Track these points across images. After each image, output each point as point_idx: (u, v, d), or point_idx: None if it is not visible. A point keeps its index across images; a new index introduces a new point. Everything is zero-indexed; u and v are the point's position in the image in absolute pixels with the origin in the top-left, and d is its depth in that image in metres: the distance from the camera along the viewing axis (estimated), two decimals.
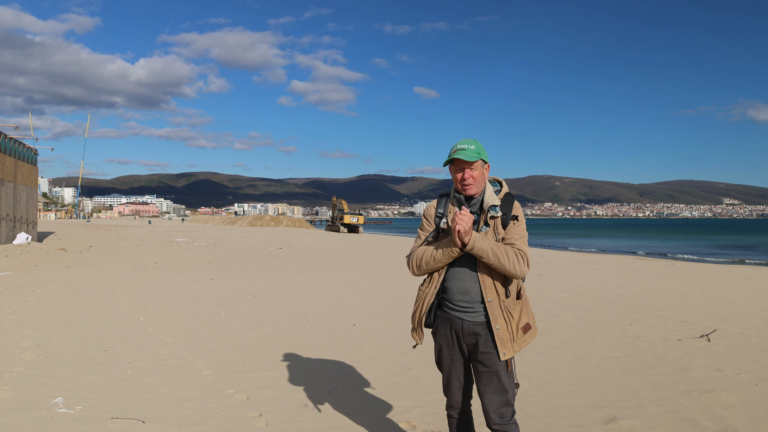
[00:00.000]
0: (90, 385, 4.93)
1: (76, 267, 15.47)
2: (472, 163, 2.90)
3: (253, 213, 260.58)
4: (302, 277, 14.04)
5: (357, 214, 72.68)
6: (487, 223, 2.93)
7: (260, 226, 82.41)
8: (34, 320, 7.78)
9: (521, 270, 2.85)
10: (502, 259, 2.82)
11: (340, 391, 4.94)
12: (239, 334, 7.19)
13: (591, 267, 18.31)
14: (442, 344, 3.05)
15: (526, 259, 2.88)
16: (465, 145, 2.92)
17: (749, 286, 13.07)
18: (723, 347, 6.54)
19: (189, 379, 5.19)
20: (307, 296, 10.59)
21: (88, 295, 10.18)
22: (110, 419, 4.13)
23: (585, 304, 9.87)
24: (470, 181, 2.92)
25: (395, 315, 8.64)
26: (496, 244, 2.86)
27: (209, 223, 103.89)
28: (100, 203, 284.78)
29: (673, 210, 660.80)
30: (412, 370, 5.60)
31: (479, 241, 2.83)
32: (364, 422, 4.22)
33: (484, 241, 2.84)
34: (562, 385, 5.14)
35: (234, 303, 9.67)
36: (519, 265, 2.83)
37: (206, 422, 4.15)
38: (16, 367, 5.45)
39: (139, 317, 8.20)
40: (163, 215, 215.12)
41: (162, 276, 13.66)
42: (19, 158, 25.82)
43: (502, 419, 2.90)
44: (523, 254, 2.87)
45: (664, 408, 4.51)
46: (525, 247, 2.91)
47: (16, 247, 21.45)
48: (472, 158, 2.88)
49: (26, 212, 26.59)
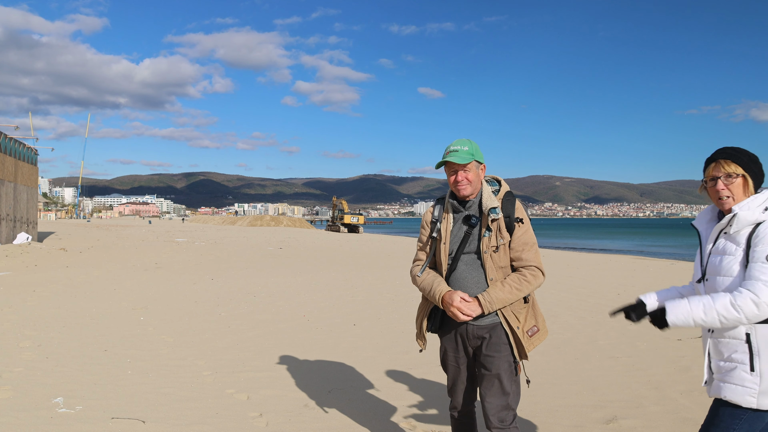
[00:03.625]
0: (90, 385, 4.93)
1: (77, 267, 15.47)
2: (466, 165, 2.86)
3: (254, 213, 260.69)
4: (302, 277, 14.04)
5: (357, 214, 72.67)
6: (489, 228, 2.87)
7: (260, 226, 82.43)
8: (34, 320, 7.78)
9: (539, 285, 2.88)
10: (521, 293, 2.85)
11: (340, 391, 4.94)
12: (239, 334, 7.19)
13: (591, 267, 18.30)
14: (448, 347, 3.04)
15: (539, 273, 2.87)
16: (458, 146, 2.88)
17: None
18: None
19: (189, 379, 5.19)
20: (307, 296, 10.59)
21: (88, 295, 10.18)
22: (110, 419, 4.13)
23: (585, 304, 9.86)
24: (464, 183, 2.88)
25: (395, 315, 8.64)
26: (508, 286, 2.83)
27: (209, 223, 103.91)
28: (100, 203, 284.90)
29: (673, 210, 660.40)
30: (412, 370, 5.60)
31: (492, 305, 2.82)
32: (364, 422, 4.22)
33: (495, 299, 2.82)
34: (562, 385, 5.14)
35: (234, 303, 9.67)
36: (536, 284, 2.86)
37: (206, 422, 4.15)
38: (16, 367, 5.46)
39: (139, 317, 8.20)
40: (164, 215, 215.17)
41: (162, 276, 13.66)
42: (20, 158, 25.83)
43: (502, 423, 2.88)
44: (534, 272, 2.86)
45: (664, 408, 4.50)
46: (535, 258, 2.89)
47: (17, 247, 21.46)
48: (465, 160, 2.84)
49: (26, 212, 26.60)
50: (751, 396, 2.34)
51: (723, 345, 2.44)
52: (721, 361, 2.45)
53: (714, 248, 2.48)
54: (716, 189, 2.46)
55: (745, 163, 2.44)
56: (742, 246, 2.37)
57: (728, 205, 2.44)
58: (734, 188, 2.43)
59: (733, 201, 2.44)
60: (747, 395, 2.35)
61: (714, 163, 2.48)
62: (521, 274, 2.87)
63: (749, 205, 2.39)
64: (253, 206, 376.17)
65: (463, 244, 2.91)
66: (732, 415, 2.39)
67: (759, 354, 2.34)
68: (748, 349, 2.35)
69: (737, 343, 2.38)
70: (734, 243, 2.40)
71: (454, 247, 2.94)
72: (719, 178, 2.45)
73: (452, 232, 2.96)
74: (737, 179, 2.43)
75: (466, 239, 2.91)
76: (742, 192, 2.44)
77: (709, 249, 2.51)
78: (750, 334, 2.35)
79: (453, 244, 2.94)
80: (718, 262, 2.43)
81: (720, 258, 2.43)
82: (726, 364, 2.42)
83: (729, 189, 2.43)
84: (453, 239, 2.95)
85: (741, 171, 2.43)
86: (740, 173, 2.43)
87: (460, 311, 2.80)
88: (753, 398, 2.34)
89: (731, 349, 2.40)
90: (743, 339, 2.37)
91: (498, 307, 2.82)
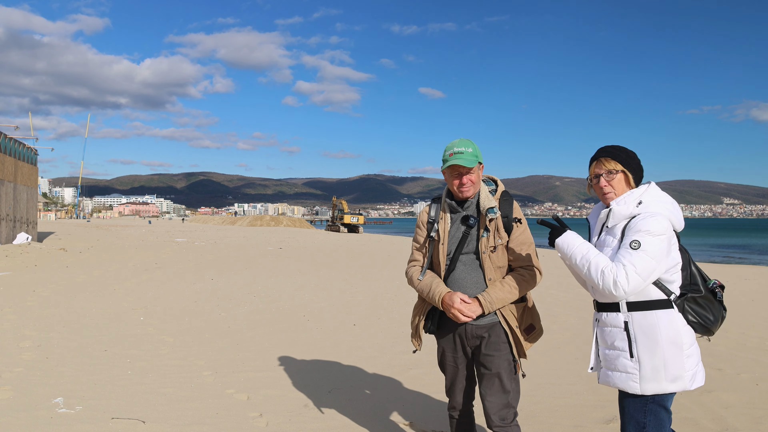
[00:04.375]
0: (90, 385, 4.93)
1: (77, 267, 15.47)
2: (472, 168, 2.83)
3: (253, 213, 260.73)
4: (302, 277, 14.04)
5: (357, 214, 72.67)
6: (487, 228, 2.86)
7: (260, 226, 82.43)
8: (34, 320, 7.78)
9: (536, 284, 2.90)
10: (520, 293, 2.87)
11: (340, 391, 4.94)
12: (239, 334, 7.19)
13: None
14: (446, 347, 3.03)
15: (537, 273, 2.89)
16: (462, 148, 2.83)
17: (749, 285, 13.07)
18: (723, 347, 6.54)
19: (189, 379, 5.19)
20: (307, 296, 10.59)
21: (88, 295, 10.18)
22: (110, 419, 4.13)
23: (585, 304, 9.86)
24: (469, 185, 2.86)
25: (395, 315, 8.64)
26: (508, 285, 2.85)
27: (209, 223, 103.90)
28: (100, 203, 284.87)
29: None
30: (412, 370, 5.60)
31: (493, 305, 2.83)
32: (364, 422, 4.22)
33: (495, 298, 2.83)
34: (562, 384, 5.14)
35: (234, 303, 9.67)
36: (534, 283, 2.89)
37: (206, 422, 4.15)
38: (16, 367, 5.45)
39: (139, 317, 8.20)
40: (163, 215, 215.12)
41: (162, 276, 13.66)
42: (19, 158, 25.82)
43: (503, 421, 2.88)
44: (532, 272, 2.88)
45: None
46: (533, 258, 2.90)
47: (17, 247, 21.45)
48: (472, 164, 2.82)
49: (26, 212, 26.59)
50: (633, 381, 2.50)
51: (607, 333, 2.60)
52: (607, 349, 2.61)
53: (598, 241, 2.66)
54: (600, 186, 2.63)
55: (624, 160, 2.61)
56: (618, 237, 2.54)
57: (611, 199, 2.61)
58: (615, 184, 2.61)
59: (615, 195, 2.61)
60: (630, 381, 2.50)
61: (596, 162, 2.66)
62: (520, 274, 2.88)
63: (625, 199, 2.56)
64: (253, 206, 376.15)
65: (462, 244, 2.90)
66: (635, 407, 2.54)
67: (636, 341, 2.49)
68: (627, 336, 2.51)
69: (617, 331, 2.54)
70: (612, 236, 2.57)
71: (453, 248, 2.92)
72: (601, 175, 2.63)
73: (450, 232, 2.94)
74: (617, 175, 2.60)
75: (465, 240, 2.89)
76: (623, 187, 2.61)
77: (594, 242, 2.69)
78: (627, 322, 2.51)
79: (451, 245, 2.93)
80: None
81: (601, 250, 2.59)
82: (610, 352, 2.59)
83: (611, 185, 2.61)
84: (451, 240, 2.93)
85: (620, 167, 2.60)
86: (620, 169, 2.60)
87: (461, 313, 2.79)
88: (636, 383, 2.49)
89: (613, 337, 2.57)
90: (622, 327, 2.53)
91: (498, 307, 2.83)
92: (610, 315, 2.56)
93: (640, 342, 2.47)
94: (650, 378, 2.45)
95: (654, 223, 2.42)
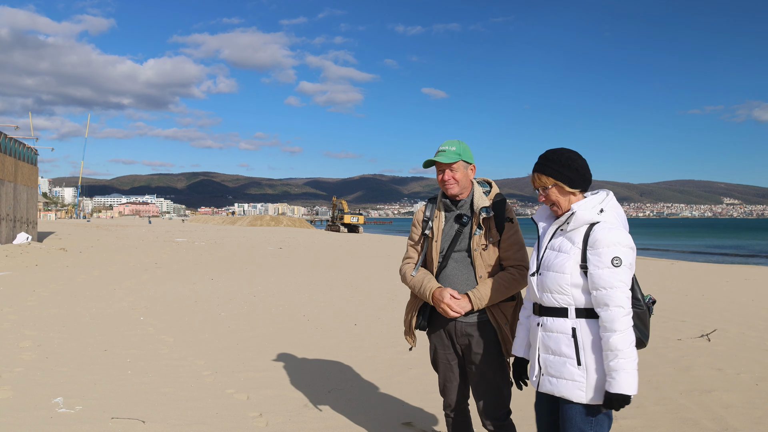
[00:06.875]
0: (90, 385, 4.93)
1: (77, 267, 15.47)
2: (452, 165, 2.93)
3: (254, 213, 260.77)
4: (302, 277, 14.04)
5: (357, 213, 72.66)
6: (480, 226, 2.93)
7: (260, 226, 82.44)
8: (34, 320, 7.78)
9: (526, 284, 2.90)
10: (510, 291, 2.89)
11: (340, 391, 4.94)
12: (239, 334, 7.19)
13: None
14: (437, 345, 3.07)
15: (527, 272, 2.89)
16: (446, 146, 2.96)
17: (749, 285, 13.06)
18: (723, 347, 6.54)
19: (189, 379, 5.19)
20: (307, 296, 10.59)
21: (88, 295, 10.18)
22: (110, 419, 4.13)
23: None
24: (452, 182, 2.94)
25: (395, 315, 8.64)
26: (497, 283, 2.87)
27: (209, 223, 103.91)
28: (100, 203, 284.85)
29: (673, 210, 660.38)
30: (412, 369, 5.60)
31: (482, 301, 2.86)
32: (364, 422, 4.22)
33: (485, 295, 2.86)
34: None
35: (234, 303, 9.67)
36: (524, 282, 2.88)
37: (206, 422, 4.15)
38: (16, 367, 5.45)
39: (139, 317, 8.20)
40: (164, 215, 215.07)
41: (162, 276, 13.66)
42: (20, 158, 25.82)
43: (497, 420, 2.92)
44: (522, 272, 2.90)
45: (664, 408, 4.51)
46: (524, 258, 2.93)
47: (17, 247, 21.46)
48: (451, 160, 2.91)
49: (26, 212, 26.60)
50: (580, 390, 2.40)
51: (551, 339, 2.48)
52: (551, 355, 2.49)
53: (551, 244, 2.55)
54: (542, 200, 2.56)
55: (556, 172, 2.49)
56: (578, 245, 2.43)
57: (557, 213, 2.53)
58: (553, 197, 2.51)
59: (559, 209, 2.52)
60: (577, 389, 2.40)
61: (534, 175, 2.57)
62: (510, 272, 2.91)
63: (586, 205, 2.46)
64: (253, 206, 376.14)
65: (454, 242, 2.97)
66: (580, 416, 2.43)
67: (584, 348, 2.40)
68: (574, 343, 2.41)
69: (564, 337, 2.44)
70: (570, 242, 2.46)
71: (445, 245, 2.99)
72: (538, 190, 2.55)
73: (444, 230, 3.02)
74: (551, 189, 2.50)
75: (457, 237, 2.96)
76: (563, 197, 2.51)
77: (546, 244, 2.57)
78: (576, 328, 2.42)
79: (444, 242, 3.00)
80: (553, 258, 2.49)
81: (555, 254, 2.49)
82: (555, 359, 2.47)
83: (550, 199, 2.52)
84: (444, 237, 3.00)
85: (552, 181, 2.50)
86: (551, 184, 2.50)
87: (450, 308, 2.84)
88: (582, 392, 2.39)
89: (558, 343, 2.45)
90: (569, 333, 2.43)
91: (487, 304, 2.87)
92: (557, 320, 2.46)
93: (588, 350, 2.39)
94: (597, 387, 2.37)
95: (625, 235, 2.40)
